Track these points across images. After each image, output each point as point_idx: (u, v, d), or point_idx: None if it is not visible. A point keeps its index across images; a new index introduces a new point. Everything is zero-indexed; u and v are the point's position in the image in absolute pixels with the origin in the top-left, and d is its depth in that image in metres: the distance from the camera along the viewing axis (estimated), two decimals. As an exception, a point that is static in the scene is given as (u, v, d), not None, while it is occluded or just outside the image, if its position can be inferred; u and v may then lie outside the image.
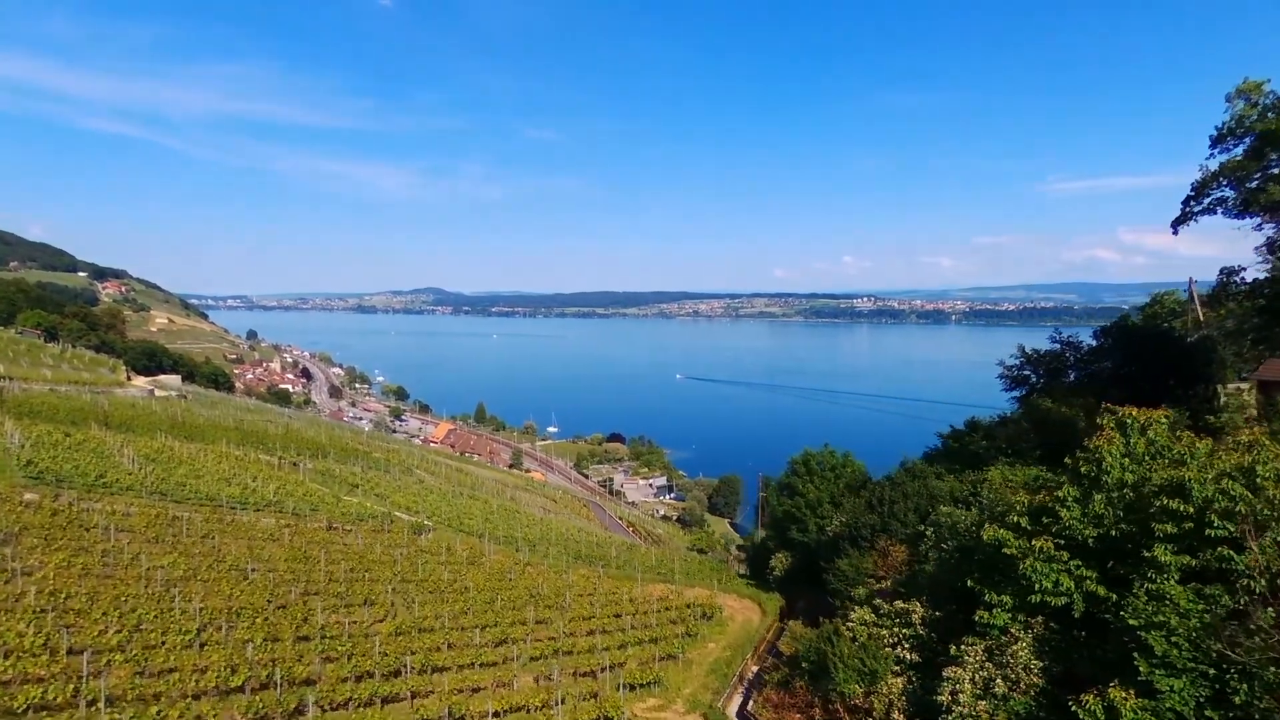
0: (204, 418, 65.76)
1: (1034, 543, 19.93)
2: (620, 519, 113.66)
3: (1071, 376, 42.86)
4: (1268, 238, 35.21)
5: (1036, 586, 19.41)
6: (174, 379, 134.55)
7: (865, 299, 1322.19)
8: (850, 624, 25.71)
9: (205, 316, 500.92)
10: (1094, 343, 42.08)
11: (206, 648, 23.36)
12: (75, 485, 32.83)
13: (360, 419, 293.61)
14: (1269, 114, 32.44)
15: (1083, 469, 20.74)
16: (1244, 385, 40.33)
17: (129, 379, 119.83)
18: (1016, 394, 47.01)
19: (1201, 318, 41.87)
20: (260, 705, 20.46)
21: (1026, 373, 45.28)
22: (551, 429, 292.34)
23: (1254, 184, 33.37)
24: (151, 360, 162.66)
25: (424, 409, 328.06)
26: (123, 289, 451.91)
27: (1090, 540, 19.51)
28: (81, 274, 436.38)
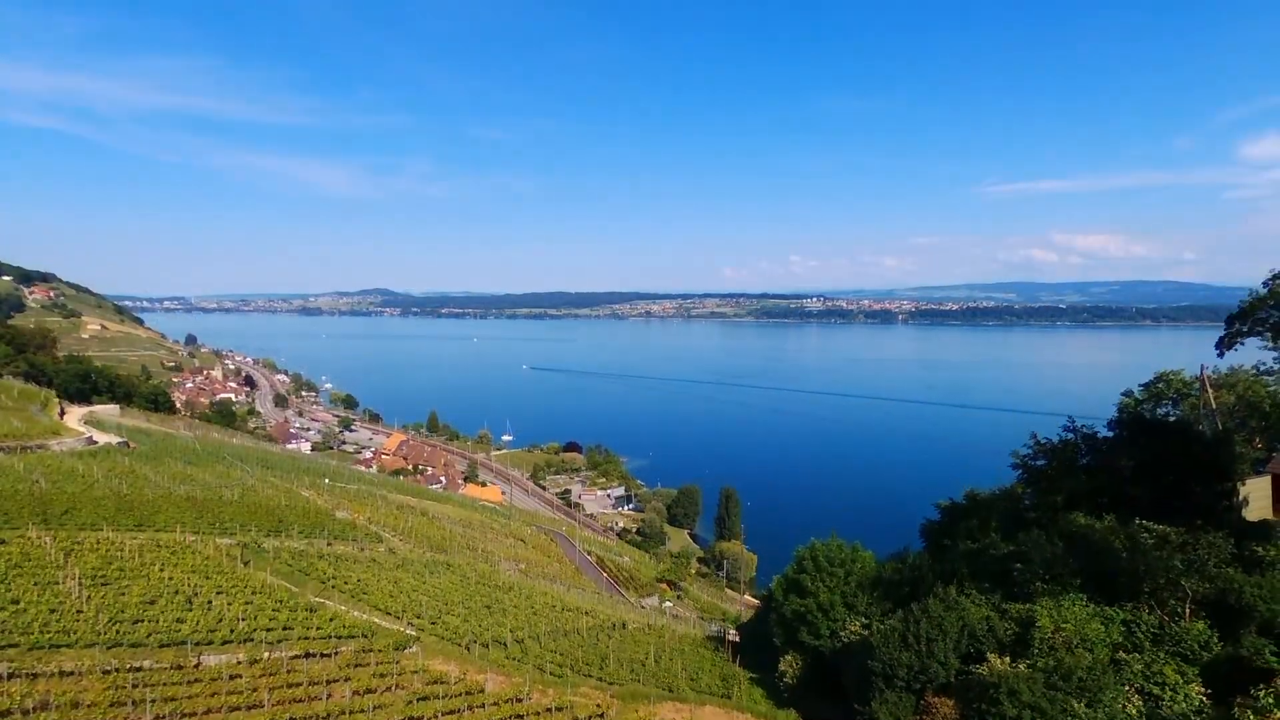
0: (151, 484, 60.62)
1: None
2: (588, 554, 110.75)
3: (1085, 460, 41.51)
4: None
5: None
6: (111, 410, 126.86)
7: (815, 299, 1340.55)
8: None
9: (140, 322, 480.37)
10: (1109, 433, 40.79)
11: None
12: (17, 642, 28.31)
13: (308, 429, 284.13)
14: None
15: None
16: (1259, 480, 39.57)
17: (62, 415, 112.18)
18: (1023, 477, 45.70)
19: (1213, 404, 40.94)
20: None
21: (1040, 463, 43.95)
22: (506, 437, 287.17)
23: None
24: (85, 383, 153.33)
25: (374, 418, 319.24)
26: (51, 294, 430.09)
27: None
28: (6, 278, 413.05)
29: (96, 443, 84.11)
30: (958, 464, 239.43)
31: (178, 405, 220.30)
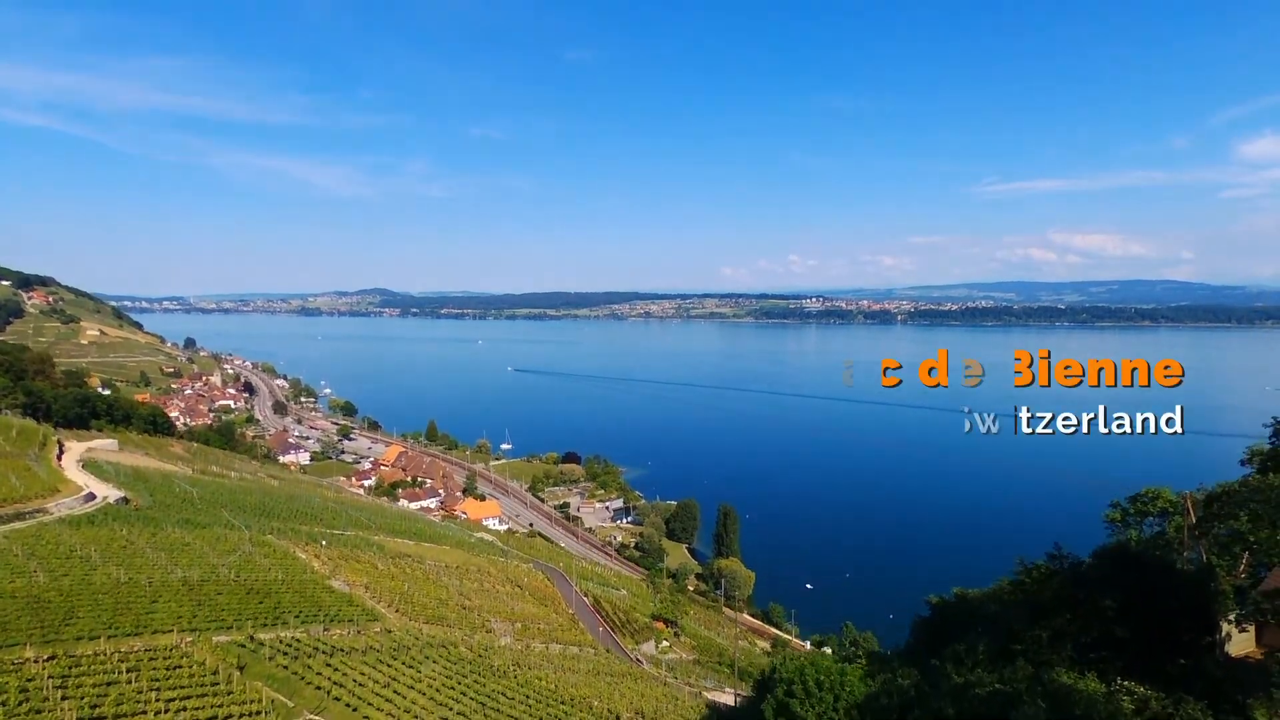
0: (149, 562, 61.10)
1: None
2: (585, 596, 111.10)
3: (1070, 590, 41.76)
4: None
5: None
6: (109, 445, 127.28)
7: (814, 299, 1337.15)
8: None
9: (140, 326, 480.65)
10: (1092, 560, 40.90)
11: None
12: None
13: (308, 438, 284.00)
14: None
15: None
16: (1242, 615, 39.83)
17: (60, 454, 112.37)
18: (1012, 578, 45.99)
19: (1197, 531, 41.25)
20: None
21: (1027, 580, 44.13)
22: (505, 446, 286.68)
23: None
24: (83, 407, 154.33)
25: (373, 426, 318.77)
26: (49, 299, 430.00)
27: None
28: (4, 283, 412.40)
29: (95, 497, 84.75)
30: (957, 468, 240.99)
31: (177, 420, 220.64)
